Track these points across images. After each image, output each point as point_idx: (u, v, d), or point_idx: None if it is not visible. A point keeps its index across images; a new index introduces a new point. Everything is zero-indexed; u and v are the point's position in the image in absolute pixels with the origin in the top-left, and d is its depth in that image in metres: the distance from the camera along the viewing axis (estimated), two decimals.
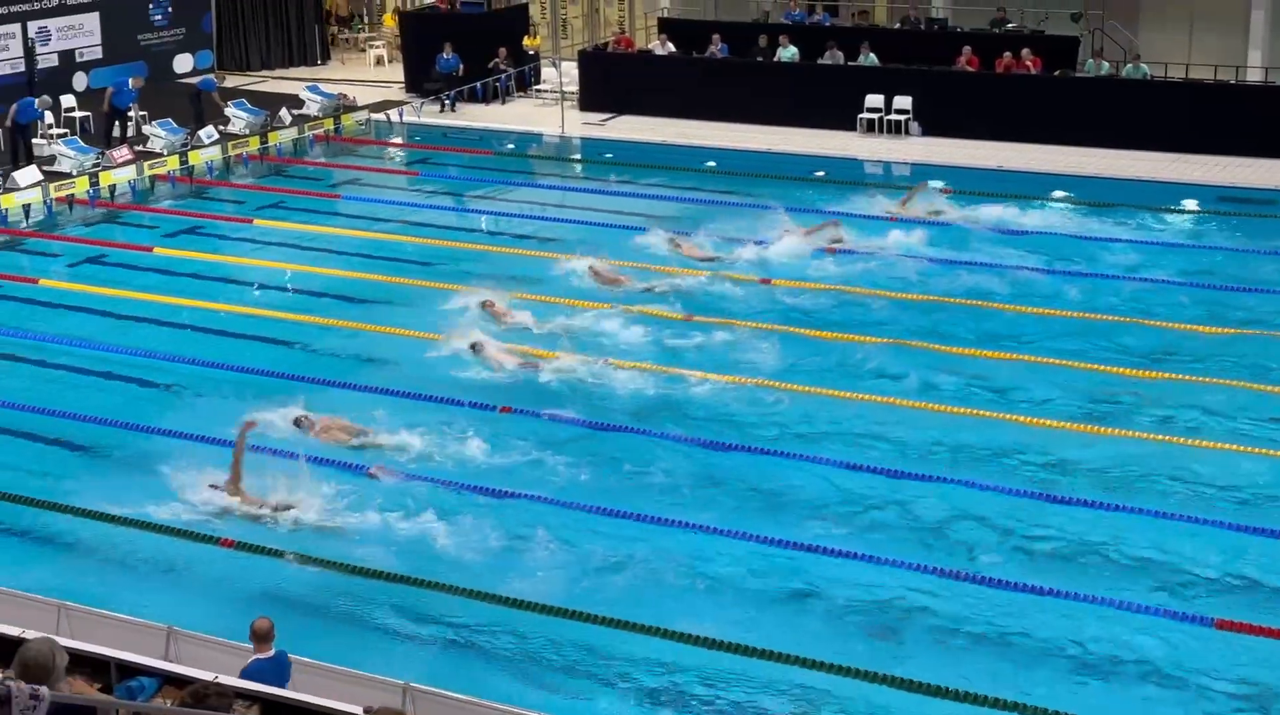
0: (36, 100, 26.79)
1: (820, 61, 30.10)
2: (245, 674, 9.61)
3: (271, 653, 10.03)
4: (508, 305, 19.62)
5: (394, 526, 14.07)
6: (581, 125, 30.43)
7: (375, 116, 30.97)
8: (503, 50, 32.41)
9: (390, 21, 37.33)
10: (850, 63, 29.87)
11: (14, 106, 26.43)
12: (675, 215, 24.35)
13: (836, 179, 26.55)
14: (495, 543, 13.79)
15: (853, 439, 15.97)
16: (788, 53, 30.43)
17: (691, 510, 14.35)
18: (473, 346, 18.12)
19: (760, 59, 30.72)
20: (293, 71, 35.12)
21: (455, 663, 12.06)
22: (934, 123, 28.65)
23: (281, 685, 9.61)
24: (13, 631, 8.66)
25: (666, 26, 32.52)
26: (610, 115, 30.95)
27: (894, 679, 11.52)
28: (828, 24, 32.39)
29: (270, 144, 28.91)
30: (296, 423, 16.03)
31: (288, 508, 14.31)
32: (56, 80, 30.12)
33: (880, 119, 29.00)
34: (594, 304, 19.90)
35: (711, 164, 27.64)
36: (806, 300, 20.36)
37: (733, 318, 19.47)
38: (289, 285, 21.60)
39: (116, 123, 27.93)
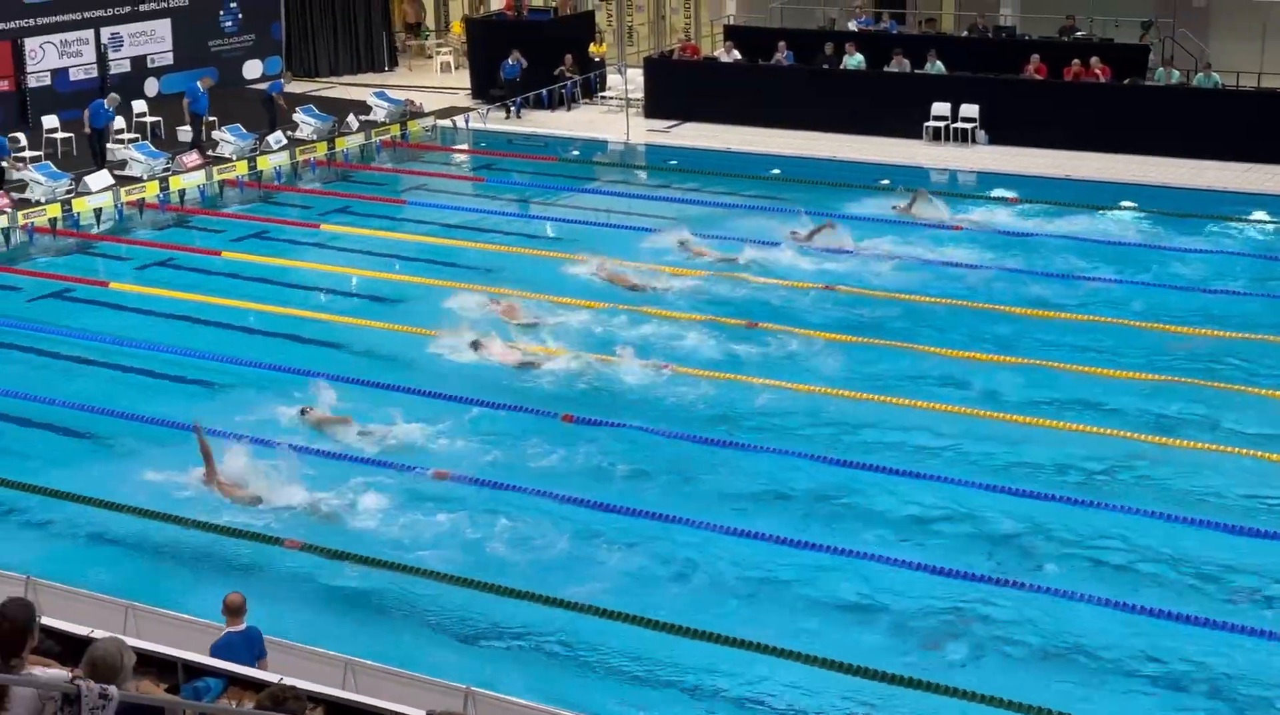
0: (105, 100, 27.06)
1: (886, 69, 30.00)
2: (216, 646, 9.98)
3: (243, 626, 10.38)
4: (531, 309, 19.86)
5: (455, 530, 14.16)
6: (646, 132, 30.46)
7: (441, 123, 31.14)
8: (568, 57, 32.51)
9: (457, 28, 37.51)
10: (917, 71, 29.75)
11: (86, 111, 26.77)
12: (737, 220, 24.36)
13: (902, 187, 26.42)
14: (555, 547, 13.87)
15: (914, 449, 15.92)
16: (854, 60, 30.34)
17: (754, 518, 14.36)
18: (473, 344, 18.43)
19: (826, 66, 30.65)
20: (360, 78, 35.37)
21: (516, 667, 12.09)
22: (1001, 131, 28.48)
23: (252, 658, 9.94)
24: (81, 630, 8.75)
25: (732, 34, 32.50)
26: (675, 122, 30.96)
27: (956, 690, 11.45)
28: (894, 32, 32.26)
29: (337, 150, 29.13)
30: (303, 411, 16.56)
31: (257, 499, 14.61)
32: (128, 85, 30.46)
33: (946, 127, 28.86)
34: (663, 311, 19.92)
35: (776, 171, 27.57)
36: (867, 309, 20.30)
37: (792, 325, 19.44)
38: (354, 289, 21.75)
39: (192, 127, 28.18)
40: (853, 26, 32.52)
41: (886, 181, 26.66)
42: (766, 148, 28.78)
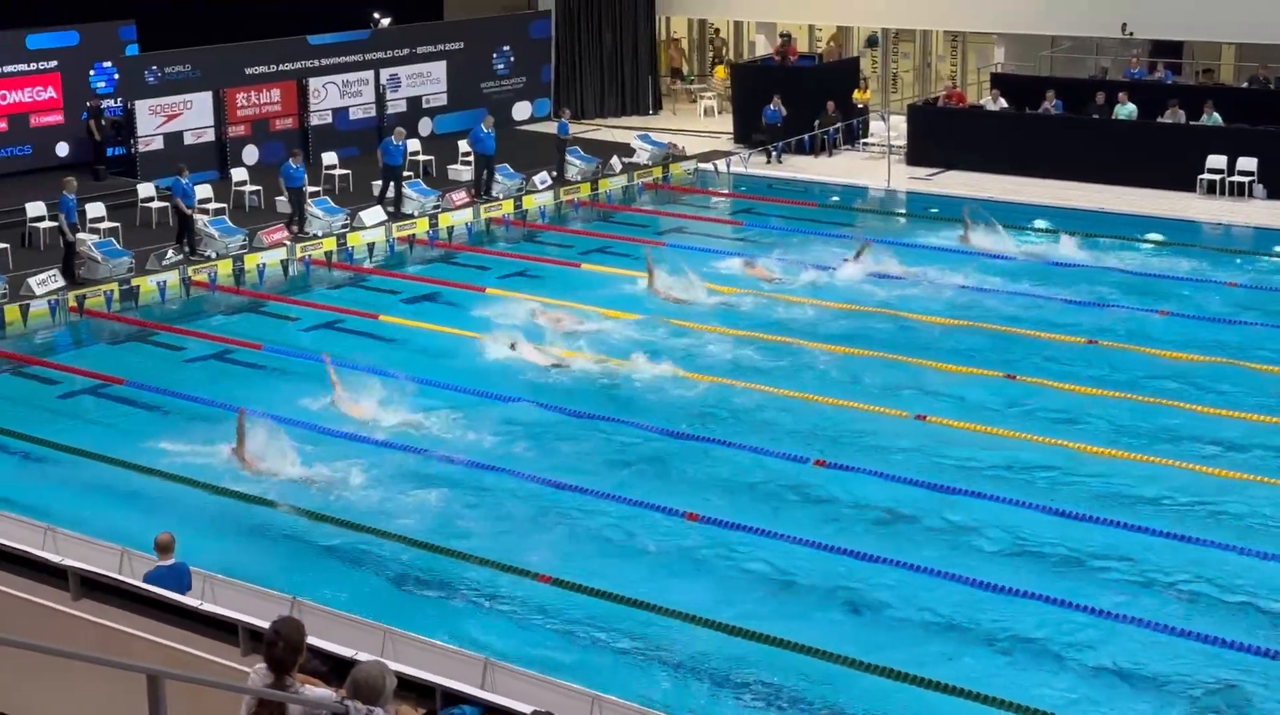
0: (393, 135, 28.02)
1: (1160, 120, 29.18)
2: (147, 577, 10.97)
3: (172, 561, 11.62)
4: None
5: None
6: (908, 179, 30.21)
7: (703, 166, 31.41)
8: (831, 103, 32.48)
9: (721, 73, 37.83)
10: (1192, 122, 28.87)
11: (379, 150, 27.80)
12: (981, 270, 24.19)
13: (1172, 241, 25.71)
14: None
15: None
16: (1125, 110, 29.61)
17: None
18: (512, 346, 20.17)
19: (1096, 116, 29.97)
20: (625, 120, 35.94)
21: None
22: None
23: (181, 590, 10.87)
24: (345, 652, 9.02)
25: (999, 81, 32.03)
26: (938, 170, 30.65)
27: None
28: (1169, 82, 31.36)
29: (600, 191, 29.64)
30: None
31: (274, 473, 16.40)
32: (403, 125, 31.52)
33: (1222, 180, 27.91)
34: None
35: (1041, 222, 27.04)
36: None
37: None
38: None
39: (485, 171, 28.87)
40: (1125, 77, 31.77)
41: (1159, 236, 25.96)
42: (1031, 198, 28.26)
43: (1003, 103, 31.04)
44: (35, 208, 25.48)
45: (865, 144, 32.93)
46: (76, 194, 23.60)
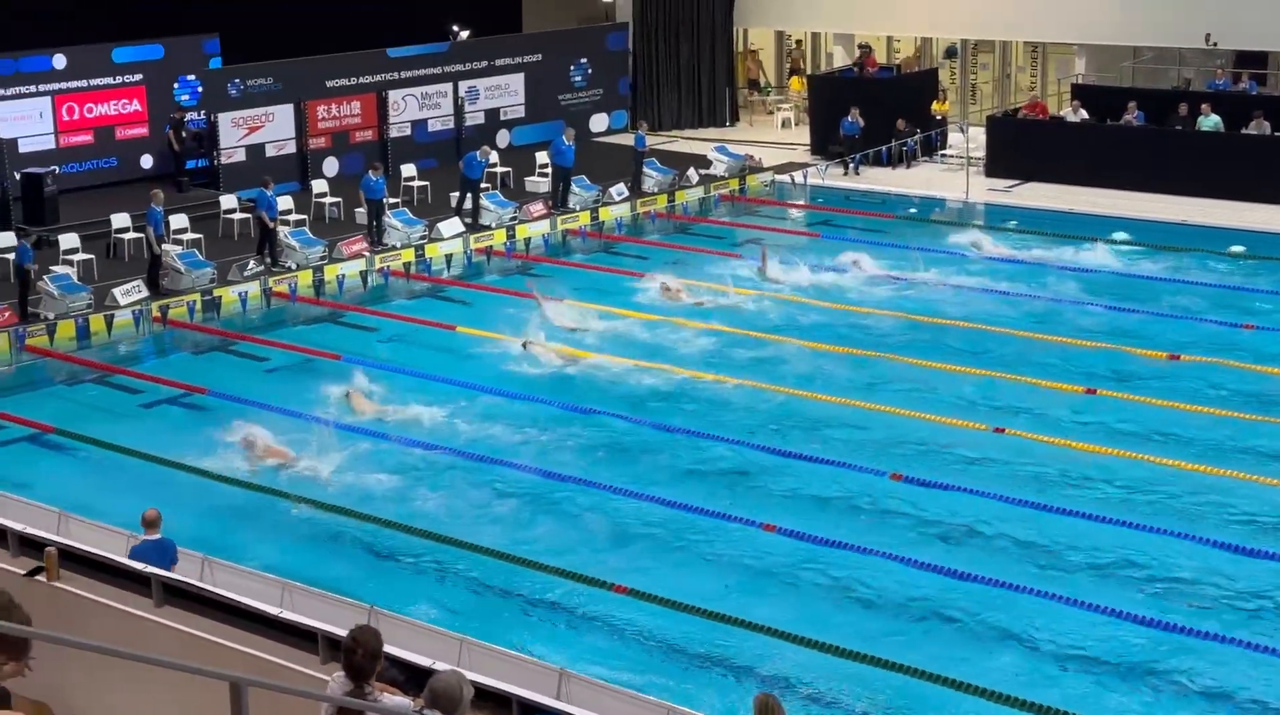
0: (478, 152, 28.20)
1: (1244, 131, 28.81)
2: (133, 552, 11.47)
3: (157, 536, 12.08)
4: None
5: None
6: (986, 191, 30.00)
7: (779, 178, 31.36)
8: (901, 120, 32.28)
9: (796, 85, 37.77)
10: (1277, 133, 28.48)
11: (461, 163, 28.00)
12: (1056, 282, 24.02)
13: (1256, 254, 25.36)
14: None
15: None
16: (1209, 122, 29.26)
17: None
18: (524, 344, 20.96)
19: (1179, 128, 29.63)
20: (702, 132, 35.95)
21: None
22: None
23: (165, 565, 11.19)
24: (423, 661, 9.08)
25: (1080, 93, 31.75)
26: (1017, 182, 30.42)
27: None
28: (1254, 93, 30.97)
29: (677, 203, 29.66)
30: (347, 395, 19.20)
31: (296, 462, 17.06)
32: (482, 137, 31.73)
33: None
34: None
35: (1121, 234, 26.77)
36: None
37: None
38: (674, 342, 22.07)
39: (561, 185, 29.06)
40: (1208, 88, 31.40)
41: (1240, 248, 25.62)
42: (1112, 210, 27.98)
43: (1084, 114, 30.77)
44: (120, 219, 25.86)
45: (944, 156, 32.75)
46: (162, 206, 23.95)
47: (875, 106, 32.22)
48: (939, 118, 33.26)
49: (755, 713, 9.19)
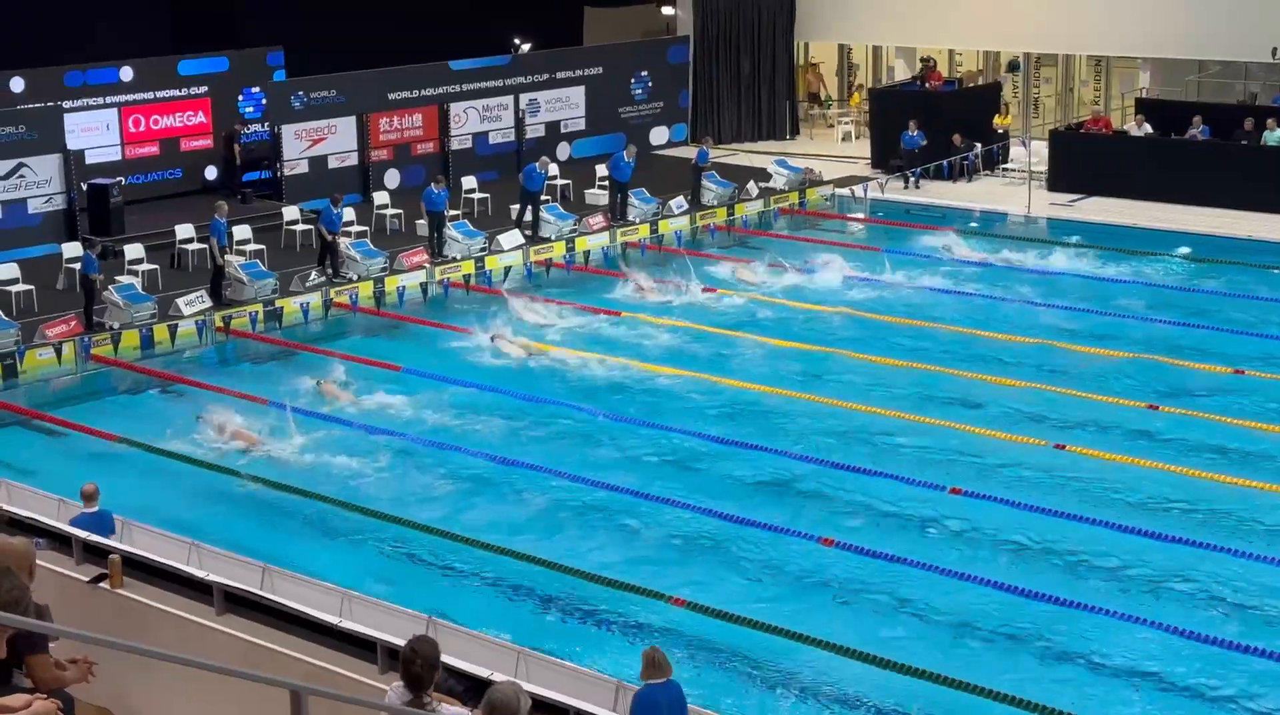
0: (538, 164, 28.32)
1: None
2: (73, 522, 11.94)
3: (95, 509, 12.85)
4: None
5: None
6: (1048, 205, 29.81)
7: (840, 191, 31.28)
8: (958, 136, 32.13)
9: (855, 100, 37.67)
10: None
11: (521, 175, 28.13)
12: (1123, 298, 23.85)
13: None
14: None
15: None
16: (1274, 136, 28.96)
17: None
18: (492, 338, 21.89)
19: (1244, 142, 29.35)
20: (761, 145, 35.92)
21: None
22: None
23: (104, 534, 11.73)
24: (481, 672, 9.11)
25: (1144, 107, 31.51)
26: (1079, 196, 30.21)
27: None
28: None
29: (736, 216, 29.65)
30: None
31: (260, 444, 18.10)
32: (542, 150, 31.82)
33: None
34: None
35: (1185, 250, 26.54)
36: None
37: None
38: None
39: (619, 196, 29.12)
40: (1275, 102, 31.07)
41: None
42: (1176, 224, 27.76)
43: (1147, 128, 30.52)
44: (184, 229, 26.12)
45: (1005, 169, 32.57)
46: (226, 218, 24.19)
47: (938, 120, 32.09)
48: (1000, 131, 33.09)
49: (643, 664, 9.92)
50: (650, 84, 35.27)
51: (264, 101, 30.25)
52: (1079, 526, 15.59)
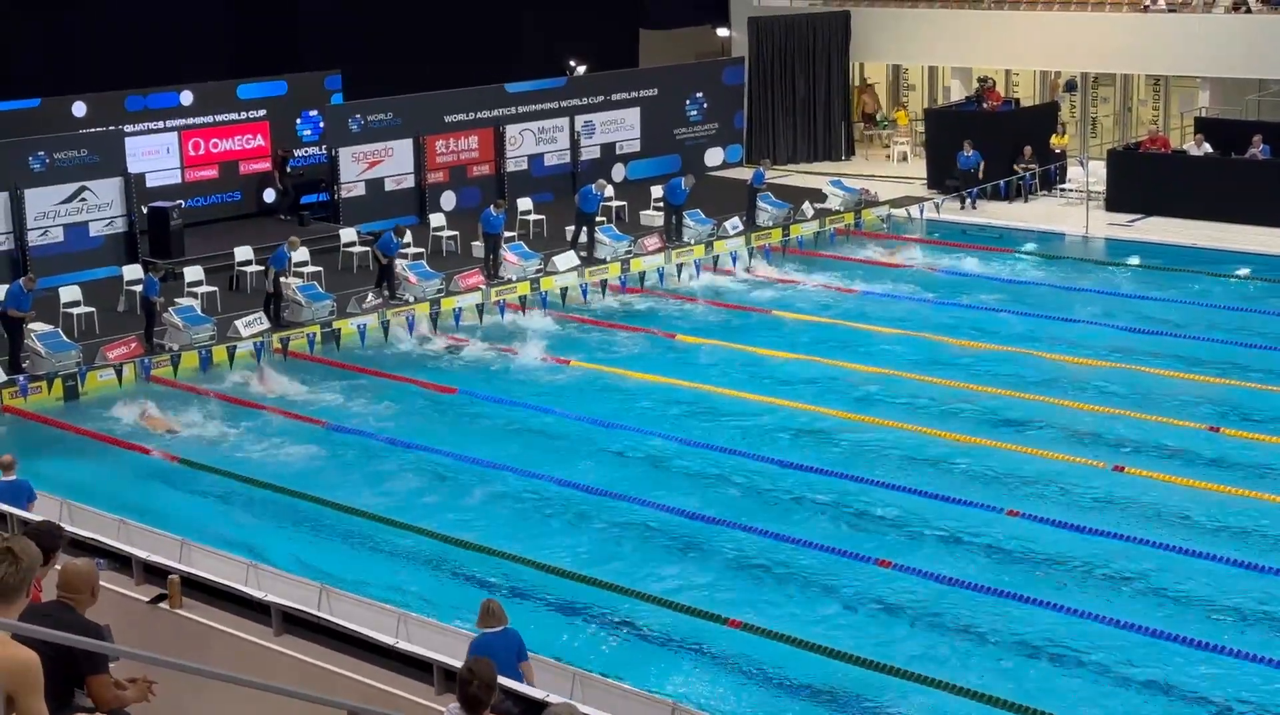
0: (594, 186, 28.39)
1: None
2: None
3: (13, 478, 13.87)
4: None
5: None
6: (1107, 226, 29.61)
7: (895, 212, 31.19)
8: (1028, 149, 32.04)
9: (903, 119, 37.54)
10: None
11: (576, 197, 28.22)
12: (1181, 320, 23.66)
13: None
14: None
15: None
16: None
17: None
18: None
19: None
20: (817, 166, 35.86)
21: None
22: None
23: (21, 504, 12.54)
24: (536, 694, 9.11)
25: (1203, 126, 31.26)
26: (1138, 216, 29.99)
27: None
28: None
29: (791, 236, 29.60)
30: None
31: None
32: (597, 172, 31.92)
33: None
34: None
35: (1245, 270, 26.29)
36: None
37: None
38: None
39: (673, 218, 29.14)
40: None
41: None
42: (1236, 245, 27.51)
43: (1207, 148, 30.27)
44: (243, 252, 26.36)
45: (1063, 189, 32.38)
46: (291, 248, 24.47)
47: (995, 140, 31.96)
48: (1058, 151, 32.90)
49: (480, 614, 10.53)
50: (705, 105, 35.30)
51: (321, 124, 30.49)
52: (1133, 548, 15.48)
